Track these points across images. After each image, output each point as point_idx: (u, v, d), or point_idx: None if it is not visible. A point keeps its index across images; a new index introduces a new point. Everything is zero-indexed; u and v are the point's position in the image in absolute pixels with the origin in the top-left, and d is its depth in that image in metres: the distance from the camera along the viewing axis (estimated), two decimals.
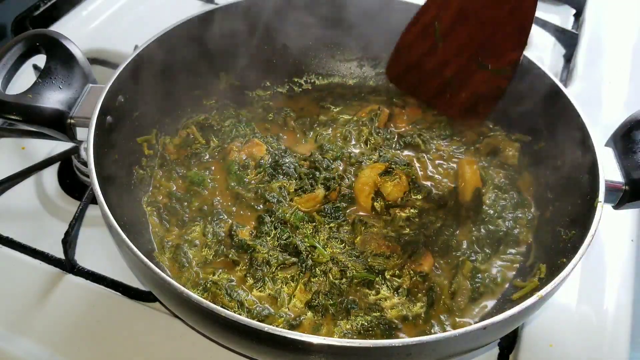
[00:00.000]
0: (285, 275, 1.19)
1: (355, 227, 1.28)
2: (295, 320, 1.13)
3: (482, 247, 1.27)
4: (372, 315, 1.14)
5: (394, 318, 1.15)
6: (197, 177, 1.36)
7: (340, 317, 1.14)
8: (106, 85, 1.18)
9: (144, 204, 1.31)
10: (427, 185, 1.38)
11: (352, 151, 1.45)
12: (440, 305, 1.18)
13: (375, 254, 1.23)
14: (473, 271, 1.23)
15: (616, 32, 1.98)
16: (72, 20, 1.90)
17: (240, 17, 1.46)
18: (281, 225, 1.26)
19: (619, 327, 1.23)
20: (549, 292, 0.95)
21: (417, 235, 1.27)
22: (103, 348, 1.15)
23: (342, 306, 1.15)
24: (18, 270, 1.27)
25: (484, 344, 1.02)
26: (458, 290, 1.19)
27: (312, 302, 1.15)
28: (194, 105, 1.49)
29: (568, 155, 1.25)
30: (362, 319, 1.13)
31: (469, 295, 1.19)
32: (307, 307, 1.15)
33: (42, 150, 1.53)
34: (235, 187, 1.34)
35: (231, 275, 1.19)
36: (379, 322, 1.13)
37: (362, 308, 1.15)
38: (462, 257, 1.25)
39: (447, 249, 1.26)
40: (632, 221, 1.43)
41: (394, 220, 1.31)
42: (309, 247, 1.23)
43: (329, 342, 0.86)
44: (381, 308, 1.16)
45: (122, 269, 1.22)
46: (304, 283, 1.18)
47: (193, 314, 0.96)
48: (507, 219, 1.32)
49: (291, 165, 1.37)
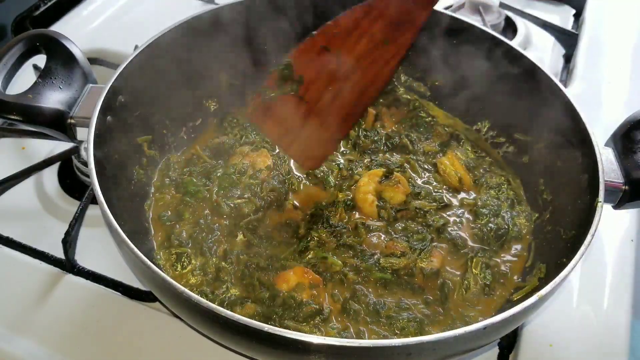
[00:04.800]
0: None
1: (359, 231, 1.28)
2: (344, 332, 1.13)
3: (488, 244, 1.29)
4: (402, 315, 1.15)
5: (419, 314, 1.16)
6: (191, 187, 1.34)
7: (373, 320, 1.14)
8: (106, 85, 1.18)
9: (145, 205, 1.31)
10: (425, 187, 1.39)
11: (340, 162, 1.44)
12: (454, 300, 1.19)
13: (385, 255, 1.24)
14: (483, 266, 1.23)
15: (616, 32, 1.98)
16: (72, 20, 1.90)
17: (241, 17, 1.46)
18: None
19: (619, 327, 1.23)
20: (549, 292, 0.95)
21: (424, 234, 1.28)
22: (103, 348, 1.15)
23: (371, 309, 1.15)
24: (18, 270, 1.27)
25: (484, 344, 1.02)
26: (471, 285, 1.21)
27: (345, 307, 1.15)
28: (194, 105, 1.48)
29: (568, 155, 1.25)
30: (395, 318, 1.14)
31: (482, 290, 1.21)
32: (344, 314, 1.15)
33: (42, 150, 1.53)
34: (222, 202, 1.31)
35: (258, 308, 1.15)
36: (409, 319, 1.14)
37: (391, 308, 1.16)
38: (470, 254, 1.26)
39: (455, 246, 1.28)
40: (632, 221, 1.43)
41: (397, 220, 1.31)
42: (320, 259, 1.22)
43: (328, 342, 0.86)
44: (408, 306, 1.17)
45: (122, 269, 1.22)
46: (330, 295, 1.18)
47: (193, 314, 0.96)
48: (506, 217, 1.33)
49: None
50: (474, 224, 1.33)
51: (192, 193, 1.33)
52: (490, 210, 1.33)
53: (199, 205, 1.32)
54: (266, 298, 1.14)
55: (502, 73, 1.40)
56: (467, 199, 1.38)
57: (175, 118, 1.44)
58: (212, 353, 1.15)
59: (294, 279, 1.17)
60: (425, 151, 1.48)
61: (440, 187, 1.40)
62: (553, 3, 2.14)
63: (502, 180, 1.41)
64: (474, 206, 1.35)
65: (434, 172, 1.43)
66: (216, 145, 1.45)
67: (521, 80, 1.35)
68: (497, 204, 1.35)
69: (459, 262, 1.26)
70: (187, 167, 1.40)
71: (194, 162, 1.41)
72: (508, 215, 1.33)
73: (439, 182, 1.41)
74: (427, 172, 1.43)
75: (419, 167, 1.43)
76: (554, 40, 1.96)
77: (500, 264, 1.26)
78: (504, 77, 1.40)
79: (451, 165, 1.41)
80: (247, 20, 1.47)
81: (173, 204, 1.33)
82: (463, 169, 1.42)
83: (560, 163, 1.29)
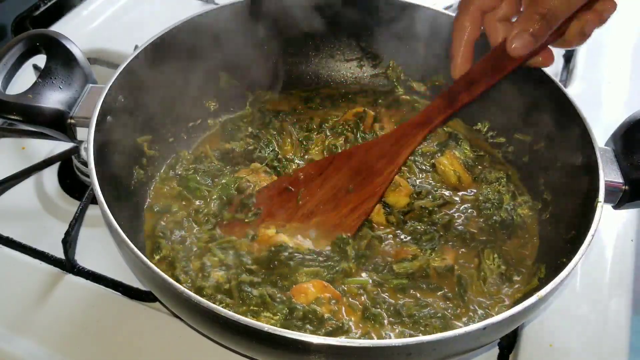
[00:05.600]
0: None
1: (372, 243, 1.26)
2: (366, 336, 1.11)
3: (495, 235, 1.29)
4: (422, 312, 1.14)
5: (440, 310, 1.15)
6: (192, 184, 1.34)
7: (396, 321, 1.13)
8: (106, 85, 1.18)
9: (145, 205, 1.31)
10: (424, 186, 1.39)
11: None
12: (474, 292, 1.19)
13: (397, 260, 1.23)
14: (495, 256, 1.24)
15: (616, 32, 1.98)
16: (72, 20, 1.90)
17: (241, 17, 1.46)
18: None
19: (618, 327, 1.23)
20: (549, 292, 0.95)
21: (432, 233, 1.28)
22: (103, 348, 1.15)
23: (392, 310, 1.14)
24: (18, 270, 1.27)
25: (483, 344, 1.02)
26: (487, 276, 1.21)
27: (365, 315, 1.13)
28: (194, 105, 1.48)
29: (568, 156, 1.25)
30: (417, 317, 1.13)
31: (500, 278, 1.21)
32: (365, 321, 1.13)
33: (42, 150, 1.53)
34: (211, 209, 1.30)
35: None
36: (431, 316, 1.13)
37: (411, 307, 1.15)
38: (481, 246, 1.26)
39: (463, 241, 1.28)
40: (632, 221, 1.43)
41: (406, 223, 1.31)
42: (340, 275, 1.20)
43: (328, 341, 0.86)
44: (427, 303, 1.16)
45: (122, 269, 1.22)
46: (348, 305, 1.16)
47: (193, 314, 0.96)
48: (509, 209, 1.33)
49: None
50: (478, 218, 1.33)
51: (191, 189, 1.33)
52: (493, 204, 1.34)
53: (192, 203, 1.32)
54: (283, 311, 1.10)
55: None
56: (468, 195, 1.39)
57: (175, 118, 1.43)
58: (212, 353, 1.15)
59: (312, 293, 1.13)
60: (423, 152, 1.48)
61: (440, 186, 1.40)
62: None
63: (501, 175, 1.41)
64: (476, 201, 1.36)
65: (433, 172, 1.43)
66: (227, 150, 1.44)
67: (521, 81, 1.35)
68: (498, 197, 1.35)
69: (470, 255, 1.26)
70: (194, 164, 1.40)
71: (201, 160, 1.41)
72: (511, 207, 1.34)
73: (438, 182, 1.41)
74: (425, 172, 1.43)
75: (416, 167, 1.43)
76: None
77: (511, 251, 1.27)
78: (504, 77, 1.40)
79: (450, 165, 1.41)
80: (247, 20, 1.47)
81: (170, 195, 1.33)
82: (462, 168, 1.42)
83: (560, 163, 1.29)
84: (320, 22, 1.54)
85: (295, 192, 1.30)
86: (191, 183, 1.34)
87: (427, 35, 1.51)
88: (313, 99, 1.60)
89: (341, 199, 1.28)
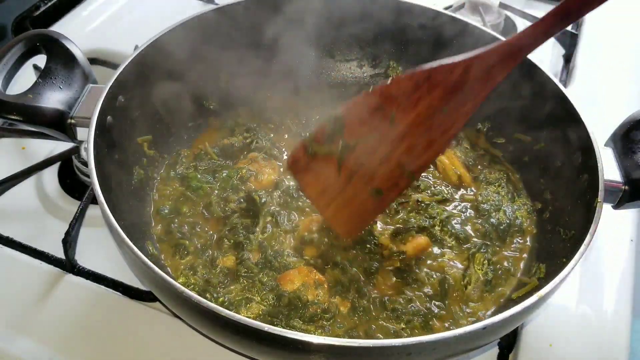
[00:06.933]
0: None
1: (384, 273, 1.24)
2: (352, 331, 1.13)
3: (490, 240, 1.29)
4: (407, 308, 1.15)
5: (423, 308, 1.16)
6: (194, 182, 1.34)
7: (379, 315, 1.15)
8: (106, 85, 1.18)
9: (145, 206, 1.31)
10: (424, 180, 1.39)
11: None
12: (454, 296, 1.19)
13: (367, 252, 1.24)
14: (485, 262, 1.24)
15: (616, 32, 1.98)
16: (72, 20, 1.90)
17: (241, 17, 1.46)
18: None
19: (618, 327, 1.23)
20: (548, 292, 0.95)
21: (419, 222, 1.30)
22: (103, 348, 1.15)
23: (377, 303, 1.16)
24: (18, 270, 1.27)
25: (483, 344, 1.02)
26: (471, 282, 1.21)
27: (354, 305, 1.16)
28: (194, 105, 1.48)
29: (568, 155, 1.25)
30: (400, 311, 1.14)
31: (482, 287, 1.21)
32: (352, 313, 1.15)
33: (42, 150, 1.53)
34: (214, 204, 1.31)
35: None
36: (413, 313, 1.15)
37: (396, 300, 1.16)
38: (473, 249, 1.27)
39: (457, 241, 1.28)
40: (632, 221, 1.43)
41: (399, 213, 1.32)
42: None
43: (328, 341, 0.86)
44: (411, 298, 1.17)
45: (122, 269, 1.22)
46: (334, 294, 1.18)
47: (193, 314, 0.96)
48: (507, 211, 1.33)
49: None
50: (476, 219, 1.33)
51: (194, 189, 1.34)
52: (492, 206, 1.34)
53: (198, 201, 1.33)
54: (271, 298, 1.14)
55: None
56: (467, 194, 1.39)
57: (175, 118, 1.44)
58: (212, 353, 1.15)
59: (298, 278, 1.16)
60: None
61: (440, 184, 1.40)
62: (553, 3, 2.13)
63: (501, 175, 1.41)
64: (475, 201, 1.36)
65: (433, 170, 1.43)
66: (226, 146, 1.45)
67: (521, 81, 1.35)
68: (497, 198, 1.36)
69: (461, 257, 1.26)
70: (195, 162, 1.40)
71: (201, 158, 1.41)
72: (509, 210, 1.34)
73: (438, 179, 1.41)
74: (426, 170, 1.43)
75: None
76: (553, 41, 1.96)
77: (503, 260, 1.27)
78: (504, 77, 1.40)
79: (450, 164, 1.41)
80: (247, 20, 1.47)
81: (174, 197, 1.33)
82: (462, 166, 1.42)
83: (560, 163, 1.29)
84: (321, 22, 1.54)
85: (388, 112, 1.12)
86: (193, 182, 1.35)
87: (427, 35, 1.51)
88: (313, 98, 1.60)
89: (434, 122, 1.12)
